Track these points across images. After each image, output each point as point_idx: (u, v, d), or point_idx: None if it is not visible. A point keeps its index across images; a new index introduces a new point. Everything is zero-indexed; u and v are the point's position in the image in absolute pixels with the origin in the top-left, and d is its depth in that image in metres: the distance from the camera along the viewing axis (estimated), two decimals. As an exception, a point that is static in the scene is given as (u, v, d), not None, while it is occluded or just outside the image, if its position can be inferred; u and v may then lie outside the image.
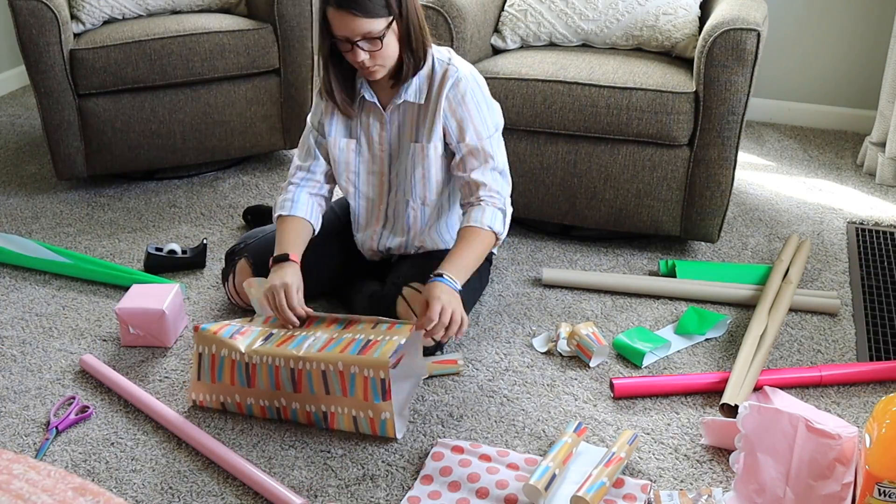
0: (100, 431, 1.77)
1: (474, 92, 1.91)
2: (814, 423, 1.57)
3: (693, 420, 1.79)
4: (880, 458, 1.44)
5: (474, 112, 1.91)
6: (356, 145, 1.98)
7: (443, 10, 2.35)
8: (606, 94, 2.29)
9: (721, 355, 2.00)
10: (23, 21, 2.55)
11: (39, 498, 0.99)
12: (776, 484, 1.54)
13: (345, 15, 1.70)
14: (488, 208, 1.90)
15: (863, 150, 3.05)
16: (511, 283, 2.30)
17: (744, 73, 2.19)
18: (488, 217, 1.89)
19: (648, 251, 2.47)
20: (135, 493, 1.61)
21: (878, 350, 2.01)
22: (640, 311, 2.18)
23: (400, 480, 1.64)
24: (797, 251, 2.36)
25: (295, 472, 1.66)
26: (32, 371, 1.96)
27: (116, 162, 2.80)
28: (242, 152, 2.94)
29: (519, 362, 1.98)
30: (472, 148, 1.91)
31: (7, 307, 2.21)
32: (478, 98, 1.92)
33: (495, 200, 1.91)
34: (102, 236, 2.57)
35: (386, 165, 1.99)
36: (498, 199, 1.92)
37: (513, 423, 1.79)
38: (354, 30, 1.72)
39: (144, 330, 2.01)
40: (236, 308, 2.18)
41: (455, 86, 1.88)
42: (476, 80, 1.93)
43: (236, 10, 3.02)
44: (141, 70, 2.69)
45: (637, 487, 1.59)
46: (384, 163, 1.98)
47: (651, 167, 2.33)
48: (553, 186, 2.43)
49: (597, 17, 2.57)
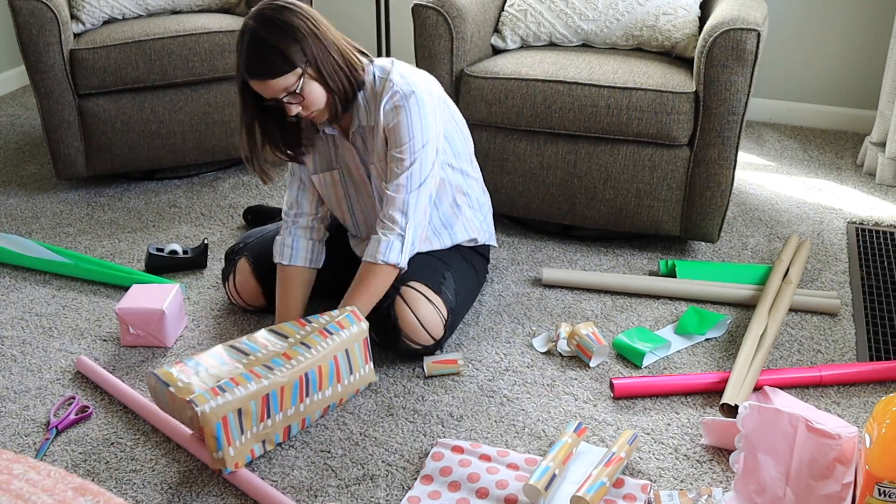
0: (100, 431, 1.77)
1: (409, 105, 1.84)
2: (814, 423, 1.57)
3: (693, 420, 1.79)
4: (880, 458, 1.44)
5: (403, 123, 1.83)
6: (339, 174, 1.98)
7: (443, 10, 2.36)
8: (606, 94, 2.29)
9: (721, 355, 2.00)
10: (23, 21, 2.55)
11: (39, 498, 0.99)
12: (776, 484, 1.54)
13: (259, 82, 1.74)
14: (384, 238, 1.85)
15: (863, 150, 3.05)
16: (511, 283, 2.30)
17: (744, 73, 2.19)
18: (383, 249, 1.85)
19: (648, 251, 2.47)
20: (135, 493, 1.61)
21: (878, 350, 2.01)
22: (640, 311, 2.18)
23: (400, 480, 1.64)
24: (797, 251, 2.36)
25: (295, 472, 1.66)
26: (32, 371, 1.96)
27: (116, 162, 2.80)
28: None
29: (519, 362, 1.98)
30: (394, 159, 1.86)
31: (7, 307, 2.21)
32: (412, 111, 1.84)
33: (395, 227, 1.85)
34: (102, 236, 2.57)
35: (370, 187, 1.98)
36: (397, 226, 1.85)
37: (513, 423, 1.79)
38: (274, 90, 1.74)
39: (144, 330, 2.01)
40: (236, 308, 2.18)
41: (390, 99, 1.84)
42: (411, 89, 1.84)
43: (236, 10, 3.02)
44: (141, 70, 2.69)
45: (637, 487, 1.59)
46: (367, 184, 1.98)
47: (651, 167, 2.33)
48: (553, 186, 2.43)
49: (597, 17, 2.57)
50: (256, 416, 1.63)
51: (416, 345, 1.92)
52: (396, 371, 1.95)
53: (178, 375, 1.62)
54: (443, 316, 1.92)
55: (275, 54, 1.71)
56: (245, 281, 2.09)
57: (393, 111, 1.84)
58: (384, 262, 1.85)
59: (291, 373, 1.67)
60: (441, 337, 1.93)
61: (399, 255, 1.86)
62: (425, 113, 1.86)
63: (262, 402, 1.63)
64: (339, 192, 2.00)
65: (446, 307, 1.93)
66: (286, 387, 1.66)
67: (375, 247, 1.86)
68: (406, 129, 1.84)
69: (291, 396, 1.67)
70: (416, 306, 1.89)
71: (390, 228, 1.86)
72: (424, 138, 1.86)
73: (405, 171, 1.85)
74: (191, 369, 1.64)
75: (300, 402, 1.69)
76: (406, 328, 1.89)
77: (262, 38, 1.72)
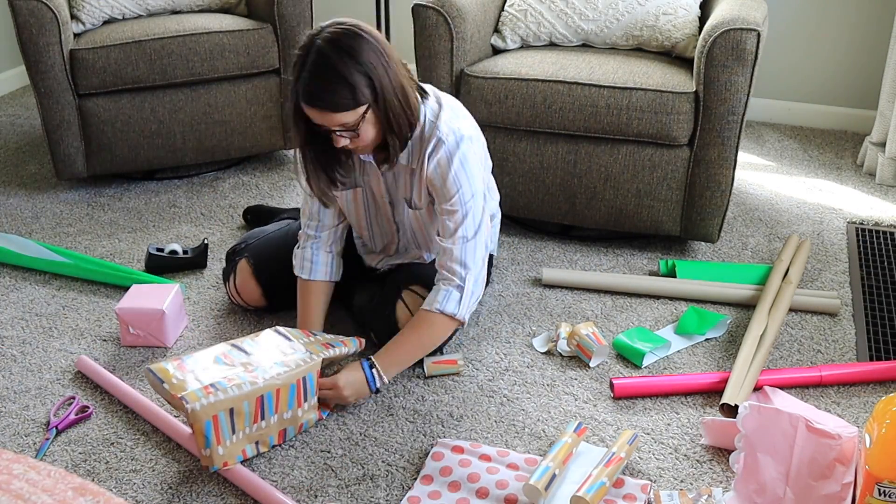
0: (100, 431, 1.77)
1: (452, 156, 1.78)
2: (814, 423, 1.57)
3: (693, 420, 1.79)
4: (880, 458, 1.44)
5: (450, 177, 1.79)
6: (363, 193, 1.94)
7: (443, 10, 2.36)
8: (606, 94, 2.29)
9: (721, 355, 2.00)
10: (23, 21, 2.55)
11: (39, 498, 0.99)
12: (776, 484, 1.54)
13: (315, 111, 1.64)
14: (443, 289, 1.82)
15: (863, 150, 3.05)
16: (511, 283, 2.30)
17: (744, 73, 2.19)
18: (441, 299, 1.81)
19: (648, 251, 2.47)
20: (135, 493, 1.61)
21: (878, 350, 2.01)
22: (640, 311, 2.18)
23: (400, 480, 1.64)
24: (797, 251, 2.36)
25: (295, 472, 1.66)
26: (32, 371, 1.96)
27: (116, 162, 2.80)
28: (242, 152, 2.94)
29: (519, 362, 1.98)
30: (445, 212, 1.82)
31: (7, 307, 2.21)
32: (459, 164, 1.79)
33: (453, 278, 1.82)
34: (102, 236, 2.57)
35: (390, 212, 1.97)
36: (457, 278, 1.82)
37: (513, 423, 1.79)
38: (330, 122, 1.65)
39: (144, 330, 2.01)
40: (236, 308, 2.18)
41: (435, 149, 1.78)
42: (458, 142, 1.79)
43: (236, 10, 3.02)
44: (141, 70, 2.69)
45: (637, 487, 1.59)
46: (388, 210, 1.96)
47: (651, 167, 2.33)
48: (553, 186, 2.43)
49: (597, 17, 2.57)
50: (250, 417, 1.62)
51: (417, 347, 1.91)
52: (396, 371, 1.95)
53: (174, 372, 1.62)
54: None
55: (343, 87, 1.60)
56: (246, 281, 2.08)
57: (438, 166, 1.78)
58: (440, 311, 1.81)
59: (288, 375, 1.66)
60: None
61: (457, 305, 1.82)
62: (470, 164, 1.80)
63: (257, 404, 1.62)
64: (360, 210, 1.98)
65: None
66: (282, 389, 1.65)
67: (434, 296, 1.82)
68: (454, 183, 1.79)
69: (288, 400, 1.67)
70: (416, 308, 1.89)
71: (449, 279, 1.82)
72: (473, 189, 1.82)
73: (459, 223, 1.81)
74: (187, 366, 1.64)
75: (298, 406, 1.69)
76: (406, 329, 1.88)
77: (332, 66, 1.60)
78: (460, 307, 1.82)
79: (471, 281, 1.83)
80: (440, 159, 1.78)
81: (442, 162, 1.78)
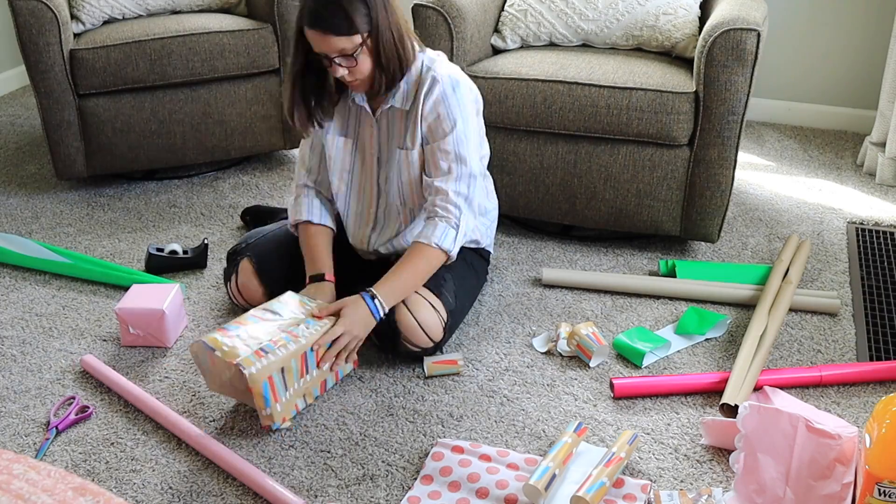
0: (100, 431, 1.77)
1: (448, 95, 1.87)
2: (814, 423, 1.57)
3: (693, 420, 1.79)
4: (880, 458, 1.44)
5: (446, 113, 1.87)
6: (352, 144, 1.99)
7: (443, 10, 2.36)
8: (606, 94, 2.29)
9: (721, 355, 2.00)
10: (23, 21, 2.55)
11: (39, 498, 0.99)
12: (776, 484, 1.54)
13: (317, 34, 1.73)
14: (440, 224, 1.88)
15: (863, 150, 3.05)
16: (511, 283, 2.30)
17: (744, 73, 2.19)
18: (438, 234, 1.88)
19: (648, 251, 2.47)
20: (135, 493, 1.61)
21: (878, 350, 2.01)
22: (640, 311, 2.18)
23: (400, 480, 1.64)
24: (797, 251, 2.36)
25: (295, 472, 1.66)
26: (32, 371, 1.96)
27: (116, 162, 2.80)
28: (242, 152, 2.94)
29: (519, 362, 1.98)
30: (440, 150, 1.89)
31: (7, 307, 2.21)
32: (451, 101, 1.87)
33: (450, 217, 1.89)
34: (102, 236, 2.57)
35: (375, 171, 1.99)
36: (453, 216, 1.89)
37: (513, 423, 1.79)
38: (330, 47, 1.74)
39: (144, 330, 2.01)
40: (237, 308, 2.18)
41: (430, 89, 1.87)
42: (455, 84, 1.88)
43: (236, 10, 3.02)
44: (141, 70, 2.69)
45: (637, 487, 1.59)
46: (373, 168, 1.99)
47: (651, 167, 2.33)
48: (553, 186, 2.43)
49: (597, 17, 2.57)
50: (297, 373, 1.73)
51: (416, 347, 1.92)
52: (396, 371, 1.95)
53: (223, 340, 1.71)
54: (442, 318, 1.92)
55: (342, 12, 1.71)
56: (247, 281, 2.08)
57: (434, 104, 1.87)
58: (437, 246, 1.87)
59: (324, 331, 1.78)
60: (440, 339, 1.93)
61: (453, 243, 1.89)
62: (466, 105, 1.89)
63: (301, 360, 1.74)
64: (346, 162, 2.02)
65: (446, 310, 1.93)
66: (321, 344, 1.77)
67: (431, 230, 1.88)
68: (448, 118, 1.87)
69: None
70: (415, 309, 1.89)
71: (446, 217, 1.89)
72: (467, 129, 1.89)
73: (453, 162, 1.88)
74: (233, 332, 1.73)
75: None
76: (405, 331, 1.89)
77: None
78: (455, 244, 1.90)
79: (464, 221, 1.91)
80: (436, 98, 1.87)
81: (438, 100, 1.87)
